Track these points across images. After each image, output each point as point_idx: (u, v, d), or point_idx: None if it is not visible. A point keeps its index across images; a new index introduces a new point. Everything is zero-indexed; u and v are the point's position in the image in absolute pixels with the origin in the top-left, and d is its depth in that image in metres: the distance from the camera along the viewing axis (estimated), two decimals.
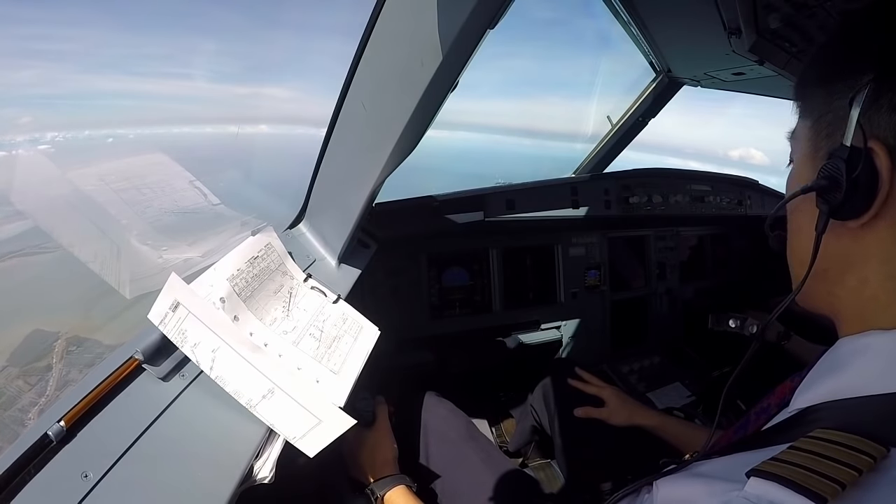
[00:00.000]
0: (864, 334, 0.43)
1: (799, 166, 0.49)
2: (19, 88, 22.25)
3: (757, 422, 0.59)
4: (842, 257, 0.44)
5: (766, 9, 0.92)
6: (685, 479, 0.44)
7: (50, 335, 1.38)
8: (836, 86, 0.43)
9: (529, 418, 1.31)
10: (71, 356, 1.30)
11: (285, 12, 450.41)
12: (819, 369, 0.46)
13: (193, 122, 11.28)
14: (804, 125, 0.48)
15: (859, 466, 0.32)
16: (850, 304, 0.45)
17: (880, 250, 0.42)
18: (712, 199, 1.87)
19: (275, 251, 0.86)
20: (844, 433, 0.36)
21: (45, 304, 1.53)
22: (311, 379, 0.74)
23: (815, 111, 0.46)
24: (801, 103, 0.49)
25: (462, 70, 0.60)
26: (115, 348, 0.65)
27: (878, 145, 0.39)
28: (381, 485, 0.82)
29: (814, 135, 0.46)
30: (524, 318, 1.64)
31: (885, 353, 0.41)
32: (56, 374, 1.29)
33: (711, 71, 1.40)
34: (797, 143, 0.49)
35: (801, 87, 0.49)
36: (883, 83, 0.39)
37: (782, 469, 0.34)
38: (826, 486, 0.32)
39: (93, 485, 0.49)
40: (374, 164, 0.77)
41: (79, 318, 1.39)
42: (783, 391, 0.59)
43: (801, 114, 0.49)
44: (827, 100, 0.44)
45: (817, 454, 0.35)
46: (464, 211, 1.44)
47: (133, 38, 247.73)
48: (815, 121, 0.46)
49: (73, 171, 0.95)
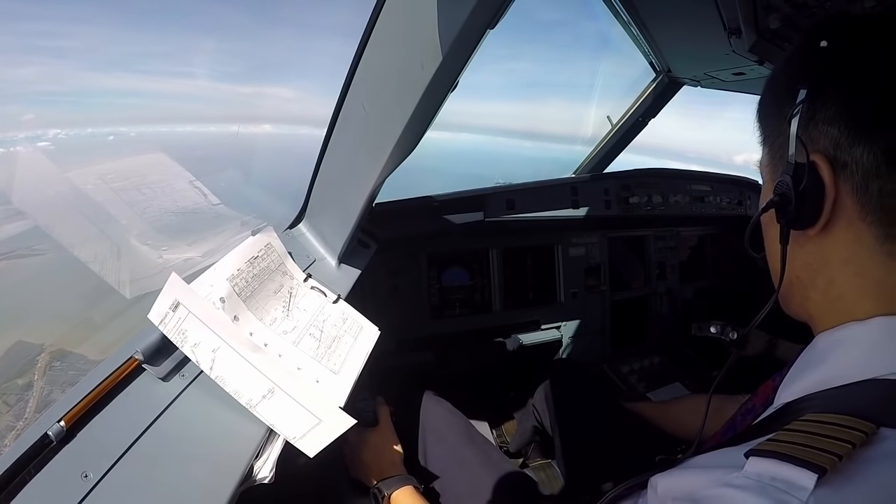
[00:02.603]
0: (840, 327, 0.45)
1: (765, 189, 0.53)
2: (23, 85, 22.15)
3: (744, 422, 0.60)
4: (809, 264, 0.47)
5: (766, 9, 0.92)
6: (683, 473, 0.46)
7: (33, 348, 1.30)
8: (782, 111, 0.46)
9: (530, 419, 1.31)
10: (54, 372, 1.22)
11: (289, 11, 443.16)
12: (800, 365, 0.48)
13: (196, 121, 11.24)
14: (765, 152, 0.52)
15: (852, 441, 0.34)
16: (822, 305, 0.48)
17: (841, 252, 0.45)
18: (712, 199, 1.86)
19: (275, 251, 0.86)
20: (835, 415, 0.37)
21: (31, 311, 1.44)
22: (312, 379, 0.74)
23: (769, 137, 0.51)
24: (760, 133, 0.53)
25: (462, 70, 0.60)
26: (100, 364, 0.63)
27: (819, 157, 0.43)
28: (388, 484, 0.82)
29: (771, 158, 0.50)
30: (524, 318, 1.64)
31: (863, 342, 0.43)
32: (37, 393, 1.22)
33: (711, 71, 1.40)
34: (761, 167, 0.54)
35: (759, 119, 0.53)
36: (816, 100, 0.43)
37: (780, 446, 0.36)
38: (824, 458, 0.33)
39: (93, 485, 0.49)
40: (374, 164, 0.77)
41: (66, 329, 1.32)
42: (766, 391, 0.59)
43: (762, 142, 0.53)
44: (778, 124, 0.48)
45: (811, 433, 0.36)
46: (464, 211, 1.44)
47: (137, 35, 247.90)
48: (770, 146, 0.50)
49: (75, 170, 0.94)
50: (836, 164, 0.42)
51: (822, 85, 0.43)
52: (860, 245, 0.43)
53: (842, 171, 0.42)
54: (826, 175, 0.42)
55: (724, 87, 1.51)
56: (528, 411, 1.33)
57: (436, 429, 1.03)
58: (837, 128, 0.42)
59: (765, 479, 0.35)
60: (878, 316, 0.42)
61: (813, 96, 0.43)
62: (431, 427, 1.03)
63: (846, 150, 0.42)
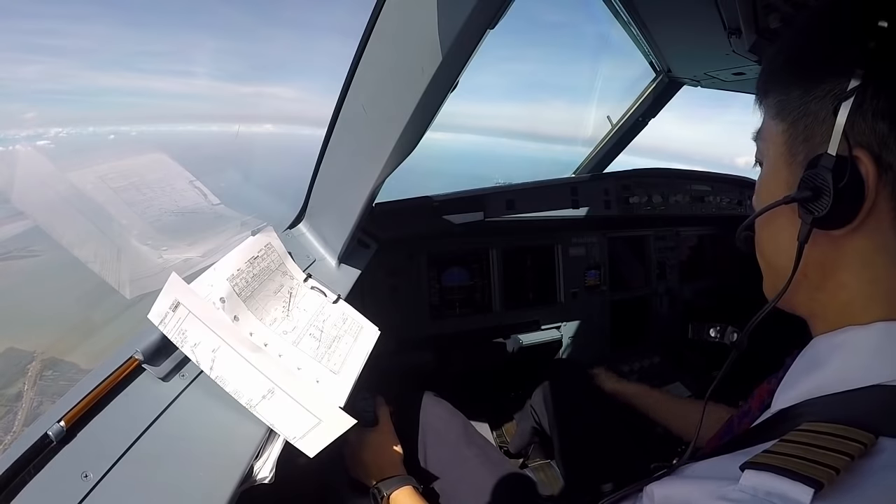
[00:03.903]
0: (840, 331, 0.43)
1: (772, 170, 0.47)
2: (24, 84, 22.07)
3: (740, 426, 0.59)
4: (820, 264, 0.44)
5: (766, 9, 0.92)
6: (678, 482, 0.44)
7: (24, 355, 1.24)
8: (815, 87, 0.41)
9: (530, 419, 1.31)
10: (45, 382, 1.16)
11: (291, 11, 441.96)
12: (797, 369, 0.46)
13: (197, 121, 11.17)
14: (776, 126, 0.45)
15: (851, 452, 0.33)
16: (829, 307, 0.45)
17: (860, 256, 0.41)
18: (712, 199, 1.87)
19: (275, 251, 0.86)
20: (832, 424, 0.36)
21: (23, 316, 1.36)
22: (312, 379, 0.74)
23: (790, 112, 0.43)
24: (769, 100, 0.46)
25: (462, 70, 0.60)
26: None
27: (863, 154, 0.38)
28: (388, 484, 0.82)
29: (789, 138, 0.44)
30: (524, 318, 1.63)
31: (865, 347, 0.41)
32: (26, 405, 1.15)
33: (711, 71, 1.40)
34: (766, 144, 0.47)
35: (770, 83, 0.46)
36: (867, 88, 0.37)
37: (776, 459, 0.35)
38: (821, 472, 0.32)
39: (93, 485, 0.49)
40: (374, 164, 0.77)
41: (59, 334, 1.25)
42: (762, 394, 0.59)
43: (769, 112, 0.46)
44: (804, 100, 0.42)
45: (808, 444, 0.35)
46: (464, 211, 1.44)
47: (139, 34, 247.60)
48: (790, 123, 0.44)
49: (75, 170, 0.94)
50: (881, 164, 0.38)
51: (878, 72, 0.37)
52: (883, 252, 0.40)
53: (885, 172, 0.38)
54: (869, 175, 0.38)
55: (724, 87, 1.51)
56: (527, 412, 1.33)
57: (436, 429, 1.03)
58: (888, 124, 0.37)
59: (760, 494, 0.33)
60: (879, 321, 0.40)
61: (865, 83, 0.37)
62: (431, 427, 1.03)
63: (893, 150, 0.37)
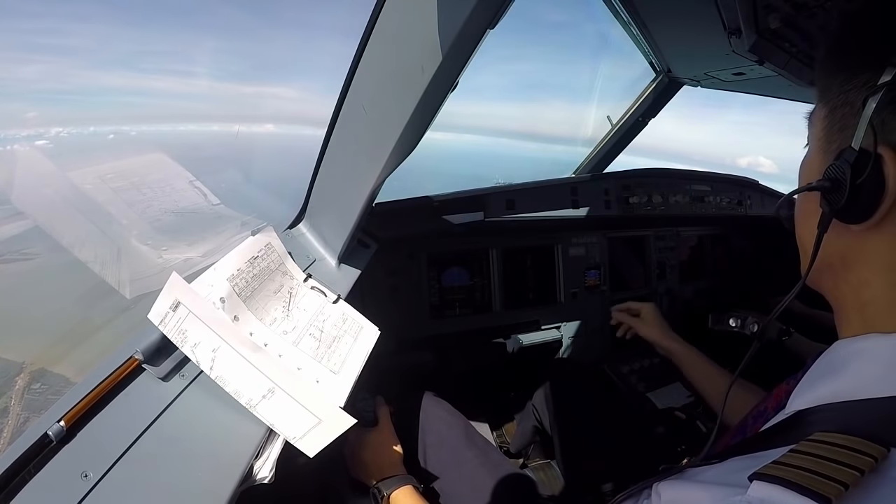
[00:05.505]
0: (861, 337, 0.42)
1: (812, 154, 0.47)
2: (25, 83, 21.97)
3: (755, 425, 0.59)
4: (844, 256, 0.44)
5: (766, 9, 0.92)
6: (686, 485, 0.44)
7: (13, 366, 1.16)
8: (853, 77, 0.40)
9: (530, 419, 1.31)
10: (32, 395, 1.08)
11: (292, 11, 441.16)
12: (815, 372, 0.46)
13: (197, 120, 11.14)
14: (820, 111, 0.45)
15: (861, 467, 0.32)
16: (852, 301, 0.45)
17: (884, 257, 0.41)
18: (712, 199, 1.86)
19: (275, 251, 0.86)
20: (845, 435, 0.35)
21: (12, 323, 1.28)
22: (311, 379, 0.74)
23: (831, 98, 0.43)
24: (818, 82, 0.46)
25: (462, 70, 0.60)
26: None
27: (888, 152, 0.37)
28: (388, 484, 0.82)
29: (828, 124, 0.44)
30: (524, 318, 1.63)
31: (884, 357, 0.40)
32: (12, 422, 1.06)
33: (711, 71, 1.40)
34: (812, 127, 0.47)
35: (822, 62, 0.46)
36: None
37: (785, 472, 0.34)
38: (830, 488, 0.31)
39: (93, 485, 0.49)
40: (374, 164, 0.77)
41: (51, 342, 1.17)
42: (779, 394, 0.59)
43: (817, 95, 0.46)
44: (843, 89, 0.41)
45: (819, 456, 0.34)
46: (464, 211, 1.44)
47: (139, 34, 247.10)
48: (830, 110, 0.43)
49: (75, 169, 0.93)
50: None
51: None
52: None
53: None
54: (891, 173, 0.37)
55: (724, 87, 1.51)
56: (527, 412, 1.33)
57: (436, 429, 1.03)
58: None
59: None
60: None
61: (893, 79, 0.36)
62: (431, 427, 1.03)
63: None
